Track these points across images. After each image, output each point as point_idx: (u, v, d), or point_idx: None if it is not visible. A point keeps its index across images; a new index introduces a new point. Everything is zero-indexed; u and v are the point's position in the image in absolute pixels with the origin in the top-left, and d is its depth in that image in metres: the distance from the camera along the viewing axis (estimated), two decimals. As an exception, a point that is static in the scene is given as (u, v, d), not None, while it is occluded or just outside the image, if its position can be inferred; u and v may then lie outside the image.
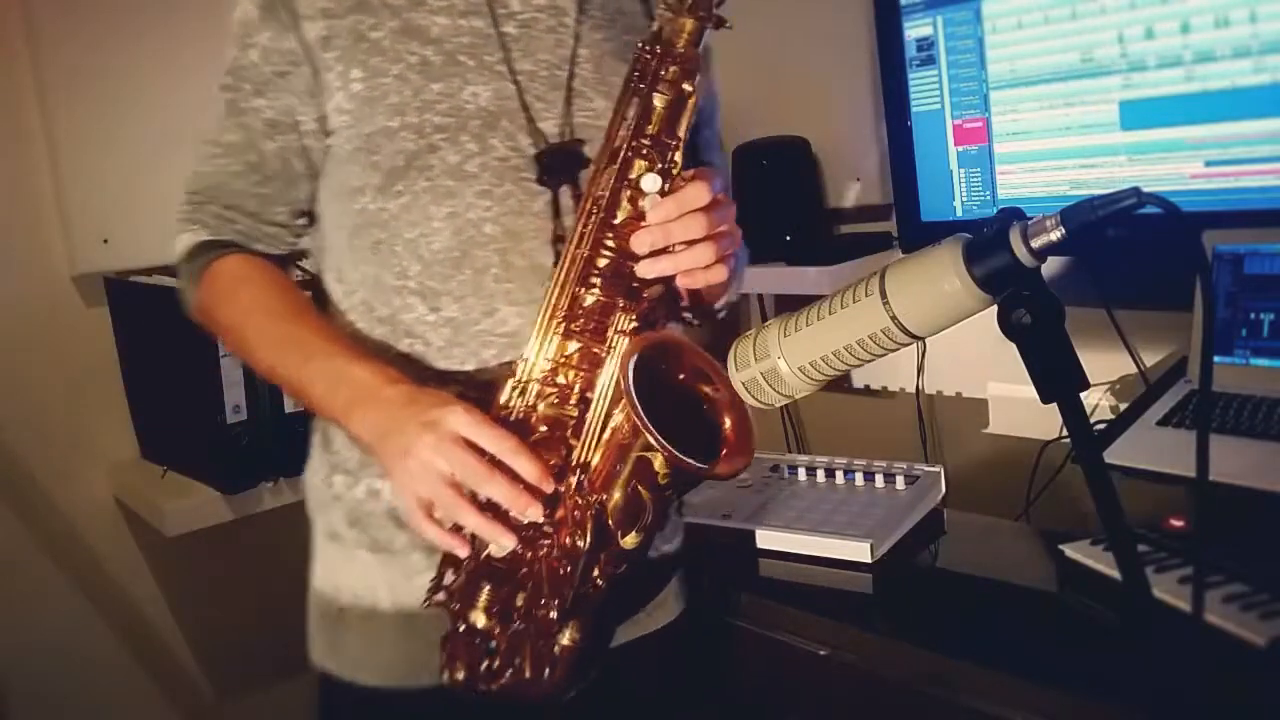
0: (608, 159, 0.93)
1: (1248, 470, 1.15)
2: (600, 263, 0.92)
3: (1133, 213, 0.64)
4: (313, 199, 1.07)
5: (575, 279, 0.92)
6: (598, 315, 0.92)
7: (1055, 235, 0.66)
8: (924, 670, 1.05)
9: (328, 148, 1.03)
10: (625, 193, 0.92)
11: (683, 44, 0.91)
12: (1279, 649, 0.91)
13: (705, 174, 0.93)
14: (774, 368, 0.79)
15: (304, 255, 1.14)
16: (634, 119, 0.92)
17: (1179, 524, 1.14)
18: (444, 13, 1.00)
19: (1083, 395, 0.69)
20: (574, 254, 0.92)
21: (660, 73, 0.91)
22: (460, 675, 0.91)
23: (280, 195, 1.06)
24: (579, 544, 0.87)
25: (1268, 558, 1.03)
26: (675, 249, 0.91)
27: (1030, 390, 0.69)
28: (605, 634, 0.96)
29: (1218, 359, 1.38)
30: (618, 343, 0.92)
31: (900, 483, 1.36)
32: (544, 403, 0.92)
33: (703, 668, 1.20)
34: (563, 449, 0.91)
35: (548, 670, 0.90)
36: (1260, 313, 1.36)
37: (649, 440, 0.82)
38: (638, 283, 0.92)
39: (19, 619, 1.87)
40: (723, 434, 0.90)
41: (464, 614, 0.91)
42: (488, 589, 0.90)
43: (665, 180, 0.91)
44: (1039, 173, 1.61)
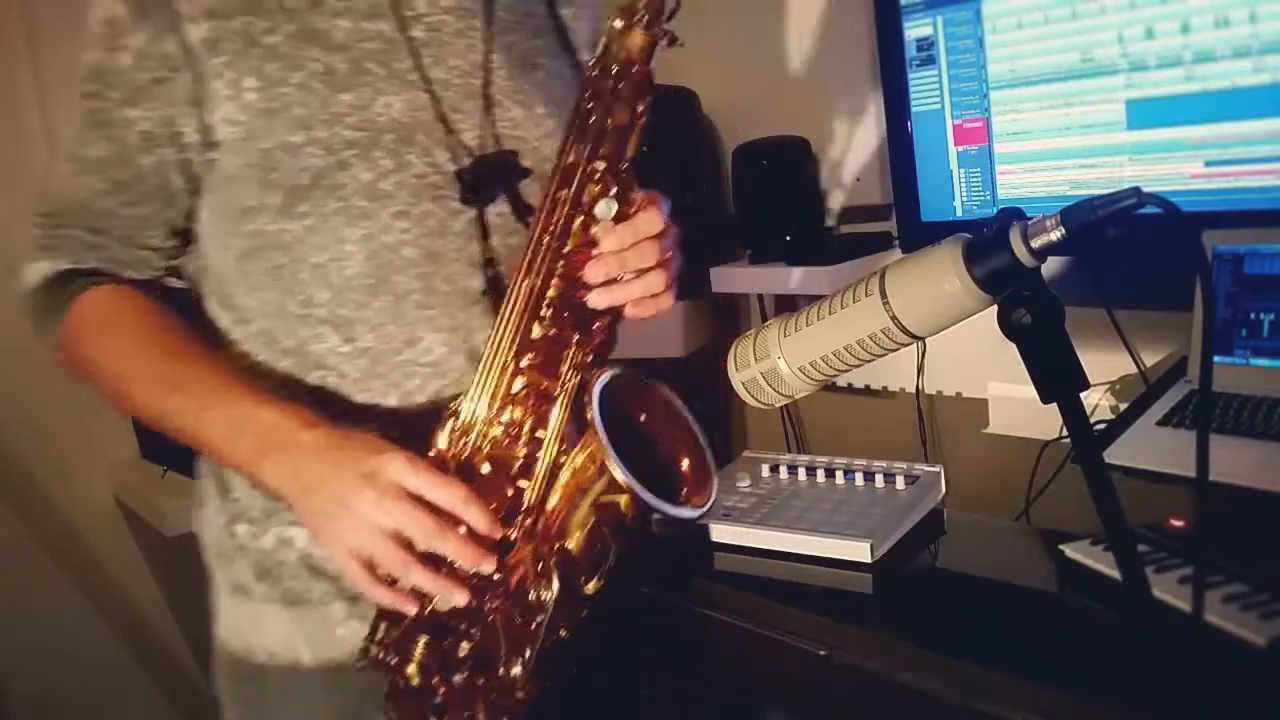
0: (558, 183, 0.87)
1: (1248, 470, 1.15)
2: (550, 294, 0.87)
3: (1133, 213, 0.64)
4: (191, 217, 0.97)
5: (527, 311, 0.86)
6: (549, 349, 0.87)
7: (1055, 235, 0.66)
8: (924, 670, 1.05)
9: (211, 161, 0.93)
10: (578, 220, 0.87)
11: (632, 62, 0.85)
12: (1279, 649, 0.91)
13: (655, 199, 0.90)
14: (774, 368, 0.79)
15: (175, 275, 1.02)
16: (588, 143, 0.86)
17: (1179, 524, 1.14)
18: (345, 15, 0.92)
19: (1083, 395, 0.69)
20: (523, 285, 0.86)
21: (611, 94, 0.85)
22: None
23: (156, 215, 0.95)
24: (543, 596, 0.81)
25: (1268, 558, 1.03)
26: (626, 277, 0.88)
27: (1030, 390, 0.69)
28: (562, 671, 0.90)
29: (1218, 359, 1.37)
30: (571, 378, 0.87)
31: (900, 483, 1.36)
32: (489, 443, 0.86)
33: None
34: (511, 492, 0.85)
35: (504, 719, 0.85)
36: (1260, 313, 1.36)
37: (620, 483, 0.78)
38: (588, 313, 0.88)
39: (19, 619, 1.88)
40: (682, 471, 0.87)
41: (403, 670, 0.86)
42: (428, 641, 0.85)
43: (620, 205, 0.87)
44: (1039, 173, 1.61)
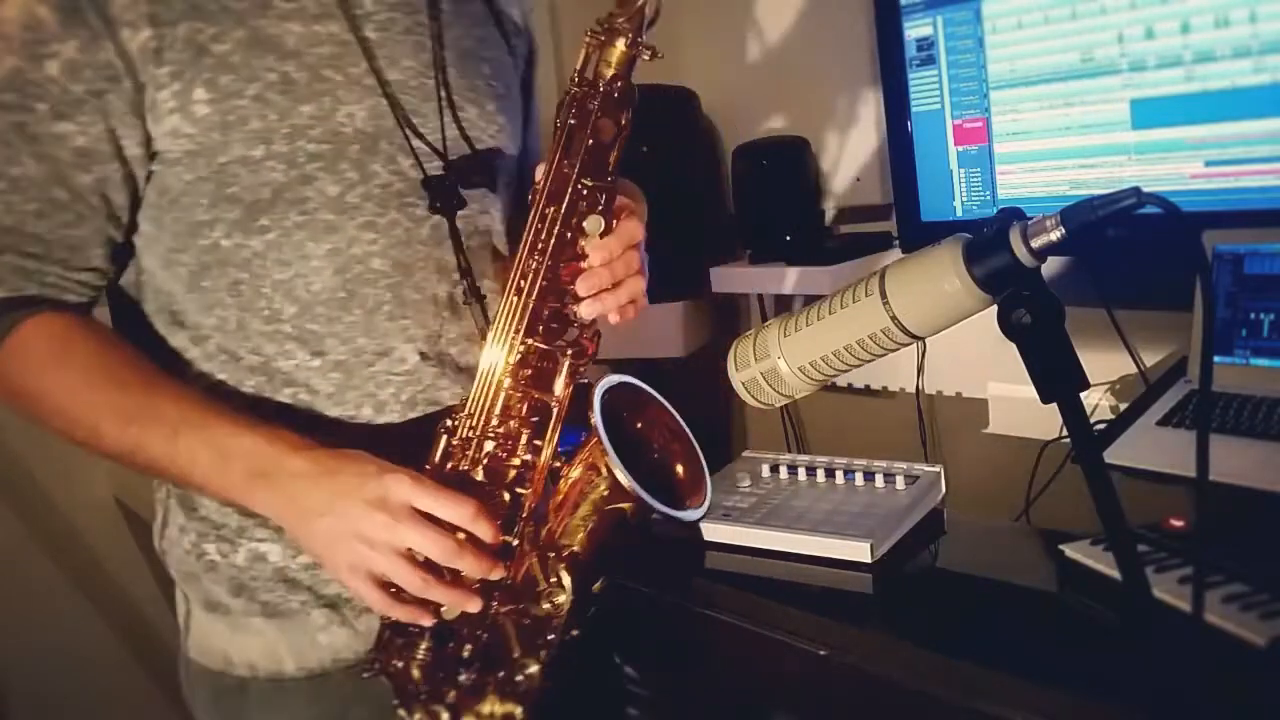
0: (545, 200, 0.86)
1: (1248, 470, 1.15)
2: (544, 310, 0.88)
3: (1133, 213, 0.64)
4: (132, 230, 0.92)
5: (521, 329, 0.86)
6: (542, 362, 0.88)
7: (1055, 235, 0.66)
8: (924, 670, 1.05)
9: (152, 174, 0.88)
10: (566, 236, 0.87)
11: (613, 74, 0.85)
12: (1279, 649, 0.91)
13: (633, 208, 0.91)
14: (774, 368, 0.79)
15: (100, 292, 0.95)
16: (574, 159, 0.86)
17: (1179, 524, 1.14)
18: (295, 18, 0.88)
19: (1083, 395, 0.69)
20: (516, 303, 0.86)
21: (595, 111, 0.85)
22: None
23: (97, 236, 0.89)
24: (558, 600, 0.83)
25: (1268, 558, 1.03)
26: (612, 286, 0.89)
27: (1030, 390, 0.69)
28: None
29: (1218, 359, 1.37)
30: (566, 388, 0.88)
31: (900, 483, 1.36)
32: (488, 456, 0.87)
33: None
34: (507, 503, 0.87)
35: (520, 715, 0.87)
36: (1260, 313, 1.36)
37: (624, 487, 0.80)
38: (576, 323, 0.89)
39: (19, 619, 1.87)
40: (677, 473, 0.89)
41: (410, 675, 0.87)
42: (436, 646, 0.86)
43: (607, 219, 0.88)
44: (1039, 173, 1.61)
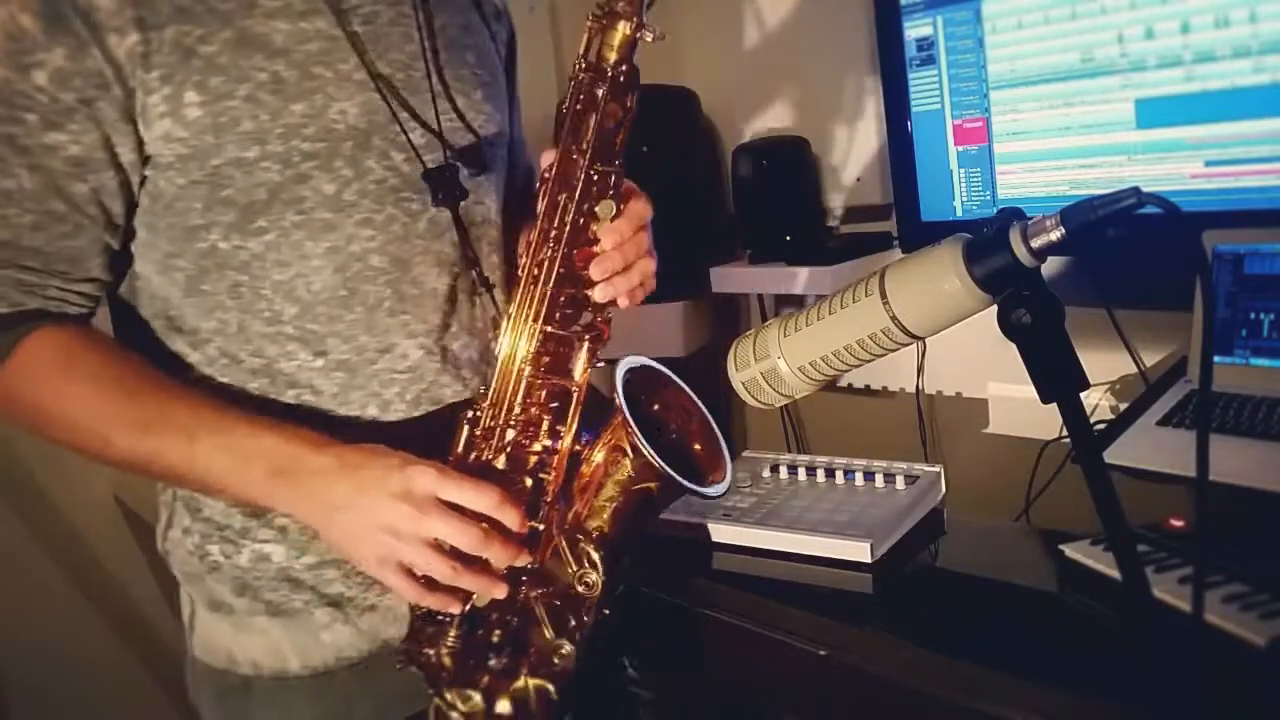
0: (556, 187, 0.87)
1: (1248, 470, 1.15)
2: (560, 297, 0.88)
3: (1133, 213, 0.64)
4: (129, 239, 0.91)
5: (539, 316, 0.87)
6: (559, 348, 0.89)
7: (1055, 235, 0.66)
8: (924, 670, 1.05)
9: (145, 178, 0.87)
10: (579, 222, 0.87)
11: (616, 58, 0.85)
12: (1279, 649, 0.91)
13: (637, 188, 0.91)
14: (774, 368, 0.79)
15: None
16: (583, 145, 0.86)
17: (1179, 524, 1.14)
18: (281, 16, 0.87)
19: (1083, 395, 0.69)
20: (534, 291, 0.87)
21: (598, 94, 0.85)
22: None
23: (95, 245, 0.88)
24: (590, 579, 0.85)
25: (1268, 558, 1.03)
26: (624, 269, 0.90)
27: (1030, 390, 0.69)
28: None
29: (1218, 359, 1.37)
30: (584, 373, 0.88)
31: (900, 483, 1.36)
32: (511, 444, 0.88)
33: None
34: (529, 488, 0.88)
35: (553, 691, 0.89)
36: (1260, 313, 1.36)
37: (651, 469, 0.81)
38: (590, 308, 0.90)
39: (19, 619, 1.87)
40: (696, 452, 0.90)
41: (443, 663, 0.88)
42: (466, 633, 0.88)
43: (616, 203, 0.88)
44: (1039, 173, 1.61)
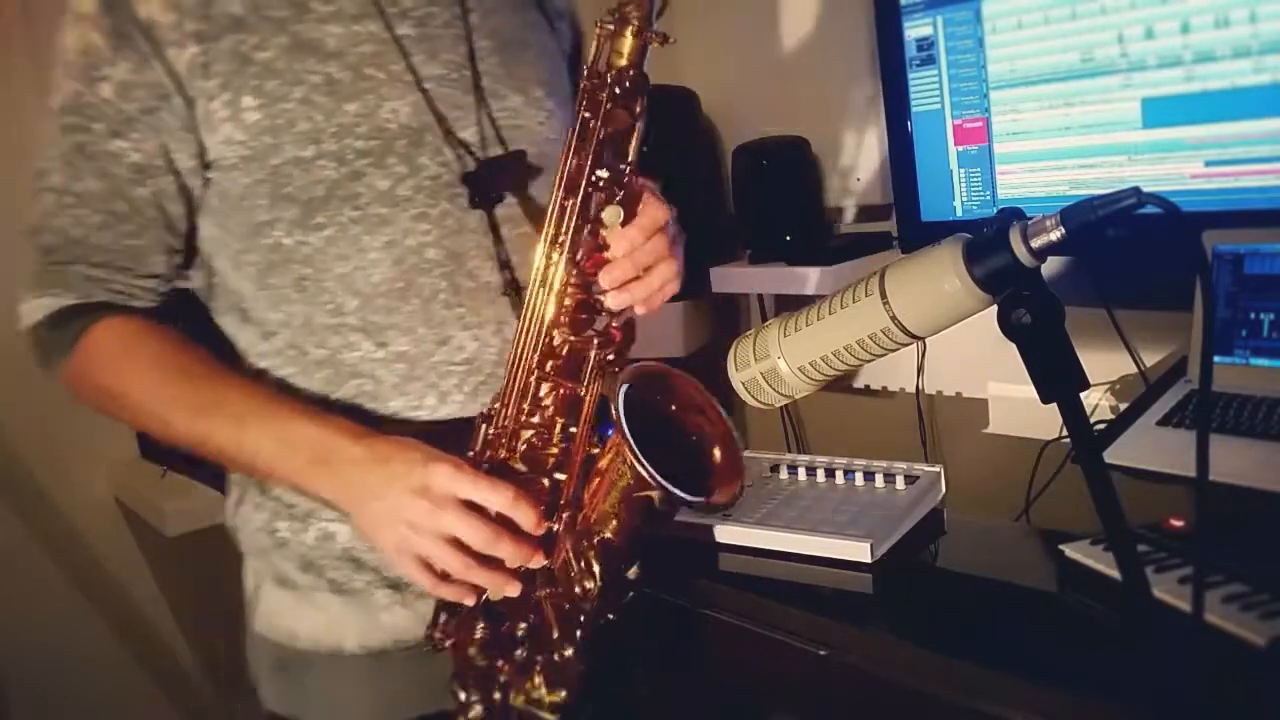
0: (563, 192, 0.87)
1: (1248, 470, 1.15)
2: (567, 301, 0.88)
3: (1133, 213, 0.64)
4: (193, 238, 0.97)
5: (545, 320, 0.88)
6: (570, 352, 0.89)
7: (1055, 235, 0.66)
8: (924, 670, 1.05)
9: (210, 181, 0.92)
10: (585, 228, 0.88)
11: (625, 65, 0.85)
12: (1279, 649, 0.91)
13: (654, 190, 0.91)
14: (774, 368, 0.79)
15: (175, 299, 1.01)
16: (589, 151, 0.86)
17: (1179, 524, 1.14)
18: (334, 20, 0.91)
19: (1083, 395, 0.69)
20: (539, 294, 0.87)
21: (606, 101, 0.86)
22: (475, 715, 0.91)
23: (157, 244, 0.94)
24: (588, 586, 0.86)
25: (1268, 558, 1.03)
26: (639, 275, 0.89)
27: (1030, 390, 0.69)
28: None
29: (1218, 359, 1.37)
30: (595, 378, 0.88)
31: (900, 483, 1.36)
32: (524, 444, 0.89)
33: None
34: (547, 490, 0.88)
35: (563, 694, 0.90)
36: (1260, 313, 1.36)
37: (647, 481, 0.81)
38: (606, 313, 0.89)
39: (19, 619, 1.87)
40: (712, 462, 0.89)
41: (467, 654, 0.90)
42: (487, 627, 0.89)
43: (624, 210, 0.87)
44: (1039, 173, 1.61)
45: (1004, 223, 0.68)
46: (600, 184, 0.87)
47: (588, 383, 0.88)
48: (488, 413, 0.90)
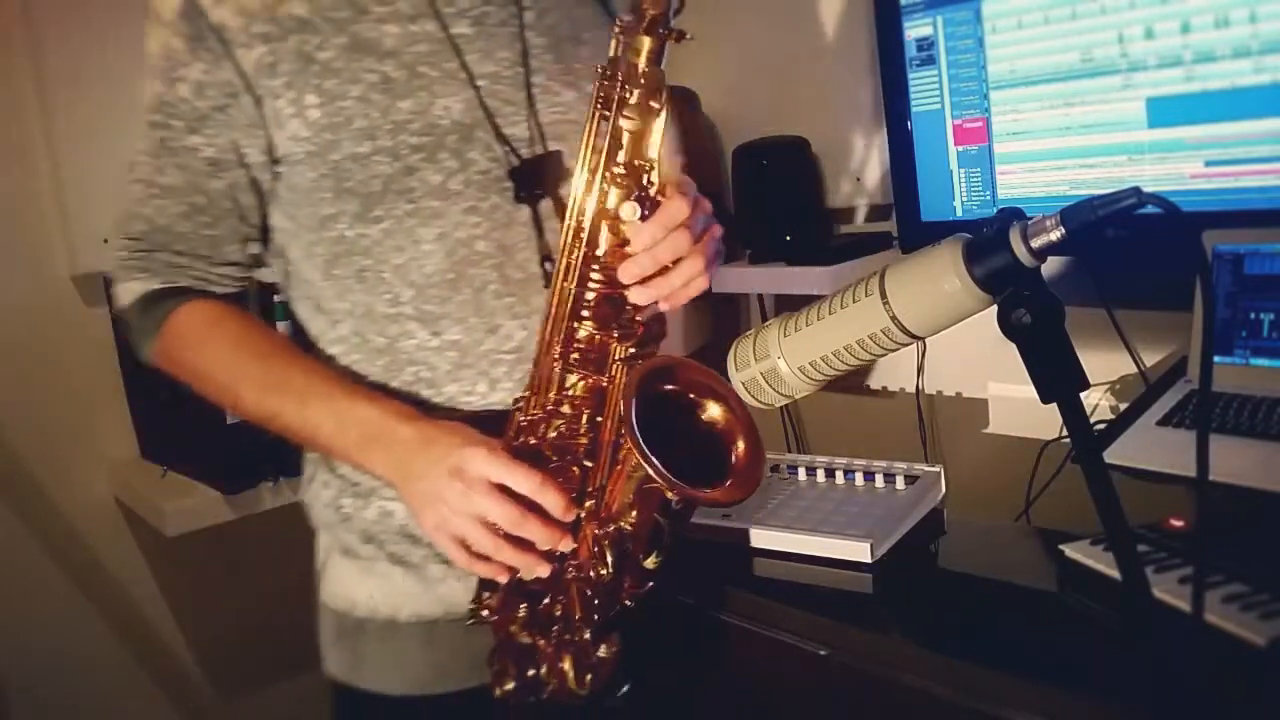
0: (583, 188, 0.89)
1: (1248, 470, 1.15)
2: (589, 295, 0.90)
3: (1133, 213, 0.64)
4: (266, 227, 1.02)
5: (567, 314, 0.90)
6: (594, 346, 0.91)
7: (1055, 235, 0.66)
8: (924, 670, 1.05)
9: (280, 175, 0.98)
10: (604, 222, 0.89)
11: (643, 64, 0.86)
12: (1279, 649, 0.91)
13: (680, 186, 0.91)
14: (774, 368, 0.79)
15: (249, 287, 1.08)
16: (605, 147, 0.88)
17: (1179, 524, 1.14)
18: (392, 20, 0.95)
19: (1083, 395, 0.69)
20: (562, 288, 0.90)
21: (624, 98, 0.87)
22: (510, 687, 0.94)
23: (232, 234, 1.01)
24: (602, 572, 0.88)
25: (1268, 558, 1.03)
26: (663, 270, 0.90)
27: (1030, 390, 0.69)
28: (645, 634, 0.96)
29: (1218, 359, 1.37)
30: (619, 371, 0.90)
31: (900, 483, 1.36)
32: (554, 432, 0.91)
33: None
34: (577, 477, 0.91)
35: (589, 677, 0.92)
36: (1260, 313, 1.36)
37: (653, 475, 0.81)
38: (630, 307, 0.91)
39: (19, 619, 1.87)
40: (733, 457, 0.89)
41: (505, 629, 0.93)
42: (525, 606, 0.92)
43: (643, 205, 0.88)
44: (1039, 173, 1.61)
45: (1004, 223, 0.68)
46: (618, 179, 0.88)
47: (611, 374, 0.91)
48: (520, 402, 0.93)
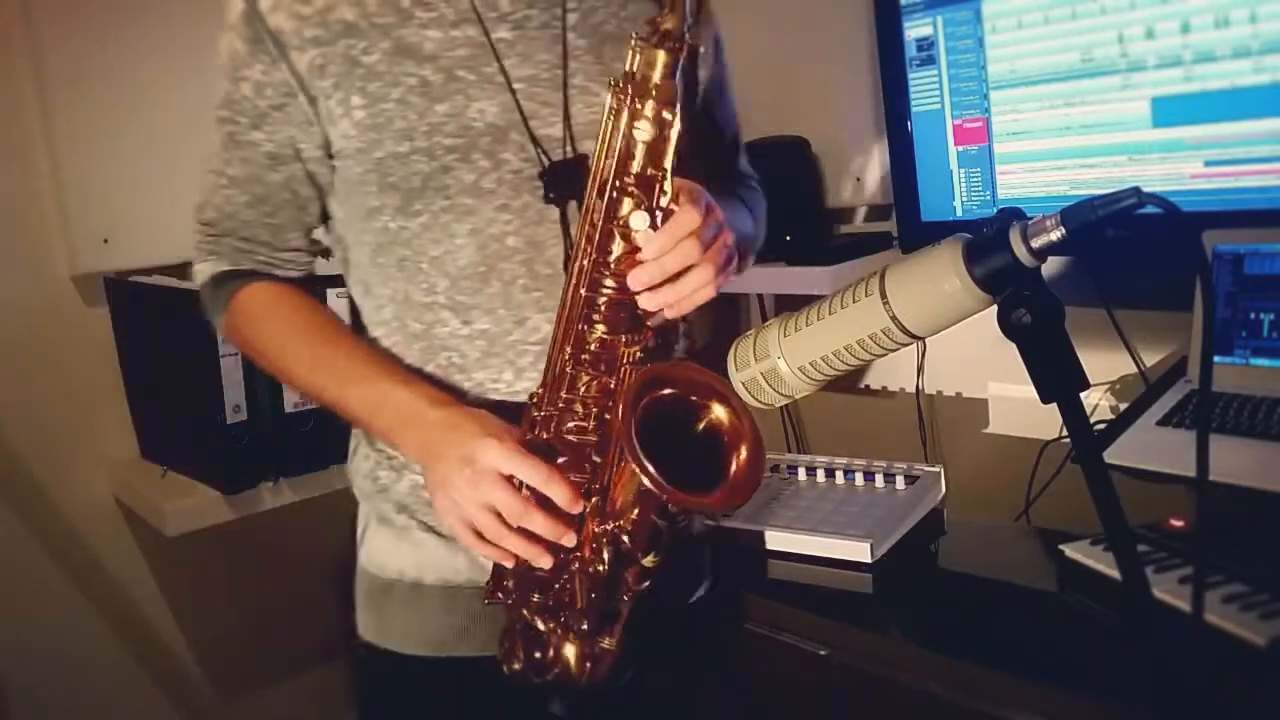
0: (595, 195, 0.91)
1: (1248, 470, 1.15)
2: (600, 300, 0.92)
3: (1133, 213, 0.64)
4: (327, 215, 1.09)
5: (578, 317, 0.93)
6: (605, 350, 0.93)
7: (1055, 235, 0.66)
8: (924, 670, 1.05)
9: (334, 168, 1.03)
10: (615, 230, 0.91)
11: (658, 76, 0.88)
12: (1279, 649, 0.91)
13: (692, 195, 0.92)
14: (774, 368, 0.79)
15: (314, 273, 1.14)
16: (618, 157, 0.90)
17: (1179, 524, 1.14)
18: (435, 25, 0.99)
19: (1083, 395, 0.69)
20: (574, 293, 0.92)
21: (639, 109, 0.89)
22: (517, 666, 0.97)
23: (293, 222, 1.08)
24: (599, 569, 0.90)
25: (1268, 558, 1.03)
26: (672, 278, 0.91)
27: (1030, 390, 0.69)
28: (647, 628, 0.98)
29: (1218, 359, 1.38)
30: (628, 374, 0.92)
31: (900, 483, 1.36)
32: (565, 428, 0.93)
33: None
34: (586, 472, 0.93)
35: (591, 665, 0.94)
36: (1260, 313, 1.36)
37: (650, 483, 0.82)
38: (641, 312, 0.93)
39: (19, 619, 1.87)
40: (733, 462, 0.90)
41: (519, 611, 0.96)
42: (536, 591, 0.95)
43: (654, 215, 0.90)
44: (1039, 173, 1.62)
45: (1004, 223, 0.68)
46: (629, 189, 0.90)
47: (621, 377, 0.93)
48: (533, 398, 0.96)
